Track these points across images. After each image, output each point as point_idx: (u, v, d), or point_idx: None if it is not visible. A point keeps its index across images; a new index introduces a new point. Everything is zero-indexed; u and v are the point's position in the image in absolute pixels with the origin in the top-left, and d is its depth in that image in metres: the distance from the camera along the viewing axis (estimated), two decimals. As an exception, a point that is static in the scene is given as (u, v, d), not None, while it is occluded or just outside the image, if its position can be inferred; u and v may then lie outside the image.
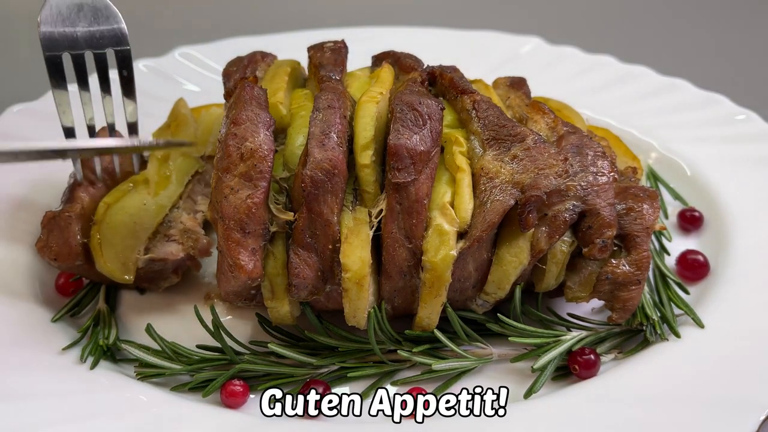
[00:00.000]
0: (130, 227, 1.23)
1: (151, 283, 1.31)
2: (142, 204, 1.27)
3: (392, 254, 1.12)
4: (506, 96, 1.35)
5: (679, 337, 1.19)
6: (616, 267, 1.17)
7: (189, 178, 1.39)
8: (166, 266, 1.27)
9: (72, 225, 1.22)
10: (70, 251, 1.21)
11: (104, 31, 1.22)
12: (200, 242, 1.28)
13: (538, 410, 1.09)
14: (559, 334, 1.19)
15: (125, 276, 1.22)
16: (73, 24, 1.20)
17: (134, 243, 1.24)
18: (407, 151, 1.10)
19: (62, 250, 1.22)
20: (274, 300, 1.15)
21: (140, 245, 1.24)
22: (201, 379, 1.14)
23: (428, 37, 1.93)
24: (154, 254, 1.24)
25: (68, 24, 1.20)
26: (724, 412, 1.05)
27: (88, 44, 1.21)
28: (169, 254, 1.25)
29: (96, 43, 1.22)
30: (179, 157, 1.39)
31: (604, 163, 1.18)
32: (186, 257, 1.27)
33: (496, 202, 1.11)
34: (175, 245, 1.26)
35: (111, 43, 1.23)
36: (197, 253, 1.28)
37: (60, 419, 1.05)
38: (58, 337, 1.20)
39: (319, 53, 1.32)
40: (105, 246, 1.22)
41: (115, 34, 1.22)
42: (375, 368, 1.16)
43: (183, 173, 1.37)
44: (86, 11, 1.21)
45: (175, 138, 1.42)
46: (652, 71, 1.78)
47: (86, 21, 1.21)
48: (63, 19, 1.20)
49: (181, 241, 1.27)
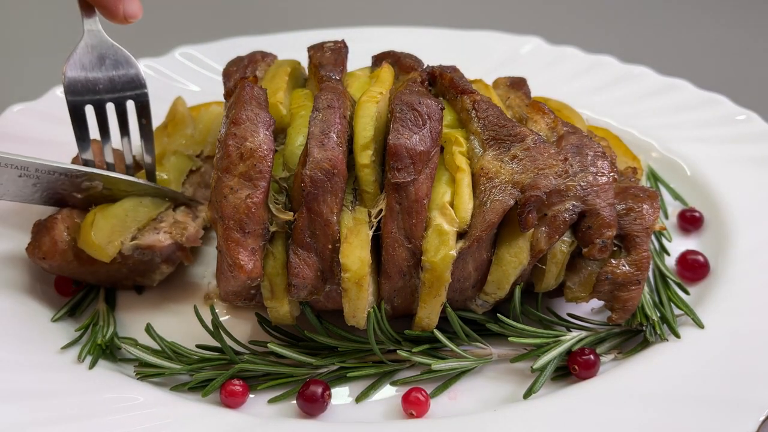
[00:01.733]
0: (121, 218, 1.27)
1: (144, 276, 1.31)
2: (139, 202, 1.30)
3: (392, 254, 1.12)
4: (506, 96, 1.35)
5: (678, 337, 1.19)
6: (615, 267, 1.17)
7: (184, 177, 1.40)
8: (155, 255, 1.28)
9: (58, 224, 1.25)
10: (56, 249, 1.23)
11: (123, 78, 1.29)
12: (188, 231, 1.29)
13: (537, 410, 1.09)
14: (558, 335, 1.19)
15: (106, 253, 1.22)
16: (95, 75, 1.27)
17: (121, 230, 1.25)
18: (407, 151, 1.10)
19: (50, 249, 1.23)
20: (274, 300, 1.15)
21: (127, 234, 1.25)
22: (200, 379, 1.14)
23: (428, 37, 1.93)
24: (140, 241, 1.25)
25: (91, 75, 1.27)
26: (724, 412, 1.05)
27: (108, 92, 1.29)
28: (155, 241, 1.26)
29: (116, 91, 1.29)
30: (172, 155, 1.40)
31: (604, 164, 1.18)
32: (174, 246, 1.28)
33: (495, 202, 1.11)
34: (162, 234, 1.28)
35: (129, 88, 1.30)
36: (185, 241, 1.29)
37: (59, 418, 1.05)
38: (58, 337, 1.20)
39: (319, 53, 1.32)
40: (96, 226, 1.24)
41: (132, 80, 1.29)
42: (374, 368, 1.16)
43: (179, 172, 1.39)
44: (108, 64, 1.28)
45: (171, 138, 1.43)
46: (652, 71, 1.77)
47: (107, 71, 1.28)
48: (86, 71, 1.27)
49: (169, 231, 1.29)
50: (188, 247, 1.31)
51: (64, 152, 1.38)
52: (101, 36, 1.27)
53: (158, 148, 1.42)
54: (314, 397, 1.10)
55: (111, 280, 1.30)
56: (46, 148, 1.49)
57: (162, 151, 1.40)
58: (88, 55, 1.27)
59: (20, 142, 1.53)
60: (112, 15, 1.23)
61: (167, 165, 1.39)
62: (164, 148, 1.41)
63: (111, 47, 1.28)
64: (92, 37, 1.27)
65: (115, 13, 1.22)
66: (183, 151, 1.41)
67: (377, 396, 1.15)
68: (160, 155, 1.40)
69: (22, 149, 1.52)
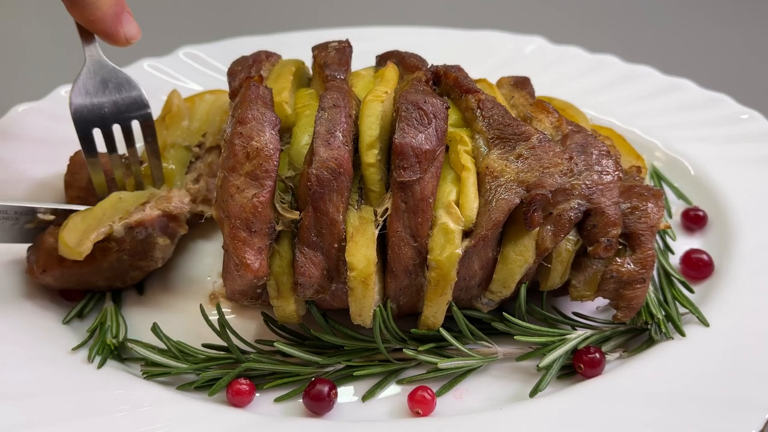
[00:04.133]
0: (97, 215, 1.26)
1: (146, 257, 1.30)
2: (117, 198, 1.30)
3: (398, 253, 1.12)
4: (510, 95, 1.35)
5: (684, 335, 1.19)
6: (620, 265, 1.17)
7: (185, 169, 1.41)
8: (149, 231, 1.27)
9: (46, 237, 1.26)
10: (53, 258, 1.24)
11: (126, 100, 1.33)
12: (173, 200, 1.29)
13: (543, 409, 1.09)
14: (564, 333, 1.19)
15: (77, 252, 1.20)
16: (99, 99, 1.31)
17: (95, 225, 1.24)
18: (412, 150, 1.10)
19: (47, 261, 1.24)
20: (280, 299, 1.16)
21: (101, 228, 1.23)
22: (207, 378, 1.14)
23: (431, 36, 1.93)
24: (128, 220, 1.25)
25: (96, 101, 1.31)
26: (730, 410, 1.05)
27: (113, 114, 1.32)
28: (144, 216, 1.26)
29: (121, 113, 1.33)
30: (171, 148, 1.41)
31: (608, 162, 1.19)
32: (164, 217, 1.28)
33: (501, 201, 1.11)
34: (149, 208, 1.27)
35: (133, 109, 1.34)
36: (173, 209, 1.29)
37: (67, 417, 1.06)
38: (68, 339, 1.20)
39: (323, 53, 1.33)
40: (67, 228, 1.23)
41: (135, 101, 1.33)
42: (380, 367, 1.17)
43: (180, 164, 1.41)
44: (111, 88, 1.31)
45: (169, 130, 1.44)
46: (655, 71, 1.78)
47: (111, 95, 1.31)
48: (91, 97, 1.30)
49: (156, 206, 1.29)
50: (180, 216, 1.31)
51: (69, 151, 1.39)
52: (102, 61, 1.31)
53: (159, 141, 1.43)
54: (320, 395, 1.10)
55: (116, 273, 1.29)
56: (51, 148, 1.50)
57: (162, 144, 1.42)
58: (91, 80, 1.30)
59: (25, 141, 1.53)
60: (114, 40, 1.26)
61: (168, 157, 1.41)
62: (164, 141, 1.43)
63: (112, 71, 1.31)
64: (94, 63, 1.30)
65: (117, 38, 1.26)
66: (181, 143, 1.42)
67: (383, 395, 1.15)
68: (161, 148, 1.41)
69: (26, 149, 1.53)
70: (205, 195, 1.42)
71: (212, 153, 1.45)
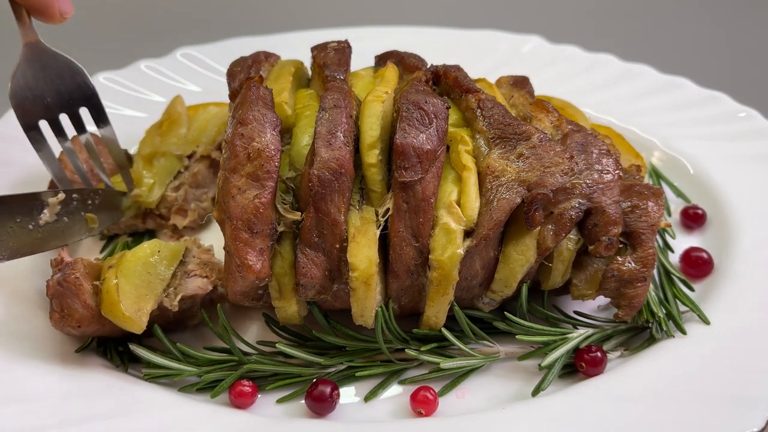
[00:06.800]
0: (144, 278, 1.15)
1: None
2: (156, 250, 1.19)
3: (399, 253, 1.12)
4: (510, 95, 1.35)
5: (685, 333, 1.19)
6: (621, 264, 1.17)
7: (171, 179, 1.40)
8: (195, 302, 1.22)
9: (83, 284, 1.12)
10: (91, 313, 1.11)
11: (70, 86, 1.25)
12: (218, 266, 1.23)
13: (546, 408, 1.09)
14: (565, 332, 1.19)
15: (138, 325, 1.11)
16: (41, 89, 1.23)
17: (147, 293, 1.14)
18: (414, 150, 1.10)
19: (84, 314, 1.10)
20: (282, 300, 1.15)
21: (153, 296, 1.15)
22: (209, 380, 1.14)
23: (429, 36, 1.93)
24: (184, 293, 1.18)
25: (37, 91, 1.22)
26: (731, 408, 1.06)
27: (58, 104, 1.24)
28: (197, 289, 1.19)
29: (66, 103, 1.25)
30: (162, 157, 1.40)
31: (609, 161, 1.19)
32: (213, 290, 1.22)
33: (502, 201, 1.11)
34: (200, 279, 1.20)
35: (79, 96, 1.26)
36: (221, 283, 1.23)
37: (70, 420, 1.05)
38: (71, 341, 1.19)
39: (322, 53, 1.32)
40: (122, 292, 1.11)
41: (80, 87, 1.25)
42: (383, 367, 1.17)
43: (167, 174, 1.40)
44: (50, 72, 1.23)
45: (164, 137, 1.43)
46: (653, 69, 1.78)
47: (52, 82, 1.23)
48: (31, 88, 1.22)
49: (204, 274, 1.22)
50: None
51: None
52: (40, 46, 1.22)
53: (149, 148, 1.42)
54: (323, 396, 1.10)
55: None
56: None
57: (153, 152, 1.40)
58: (30, 69, 1.22)
59: (23, 143, 1.52)
60: (49, 16, 1.19)
61: (156, 166, 1.39)
62: (156, 149, 1.41)
63: (52, 56, 1.23)
64: (31, 50, 1.22)
65: (51, 14, 1.19)
66: (173, 152, 1.41)
67: (385, 395, 1.15)
68: (151, 155, 1.40)
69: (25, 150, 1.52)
70: (180, 205, 1.41)
71: (200, 163, 1.44)
